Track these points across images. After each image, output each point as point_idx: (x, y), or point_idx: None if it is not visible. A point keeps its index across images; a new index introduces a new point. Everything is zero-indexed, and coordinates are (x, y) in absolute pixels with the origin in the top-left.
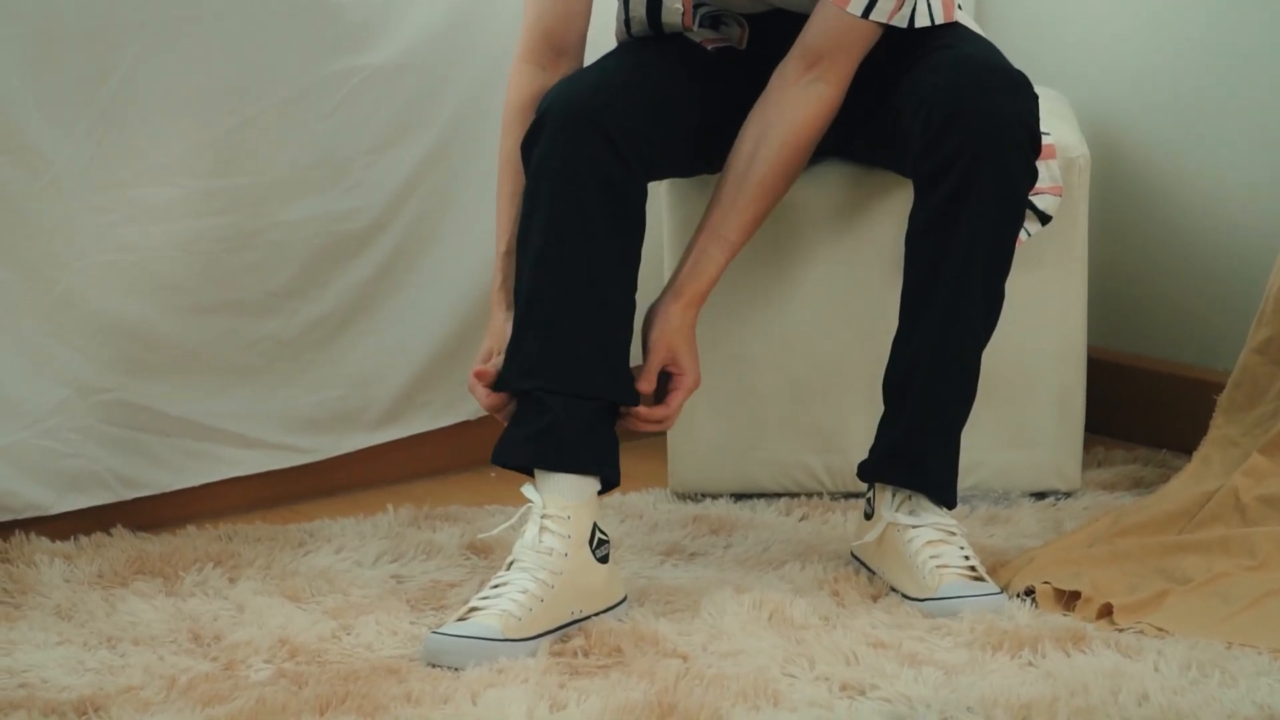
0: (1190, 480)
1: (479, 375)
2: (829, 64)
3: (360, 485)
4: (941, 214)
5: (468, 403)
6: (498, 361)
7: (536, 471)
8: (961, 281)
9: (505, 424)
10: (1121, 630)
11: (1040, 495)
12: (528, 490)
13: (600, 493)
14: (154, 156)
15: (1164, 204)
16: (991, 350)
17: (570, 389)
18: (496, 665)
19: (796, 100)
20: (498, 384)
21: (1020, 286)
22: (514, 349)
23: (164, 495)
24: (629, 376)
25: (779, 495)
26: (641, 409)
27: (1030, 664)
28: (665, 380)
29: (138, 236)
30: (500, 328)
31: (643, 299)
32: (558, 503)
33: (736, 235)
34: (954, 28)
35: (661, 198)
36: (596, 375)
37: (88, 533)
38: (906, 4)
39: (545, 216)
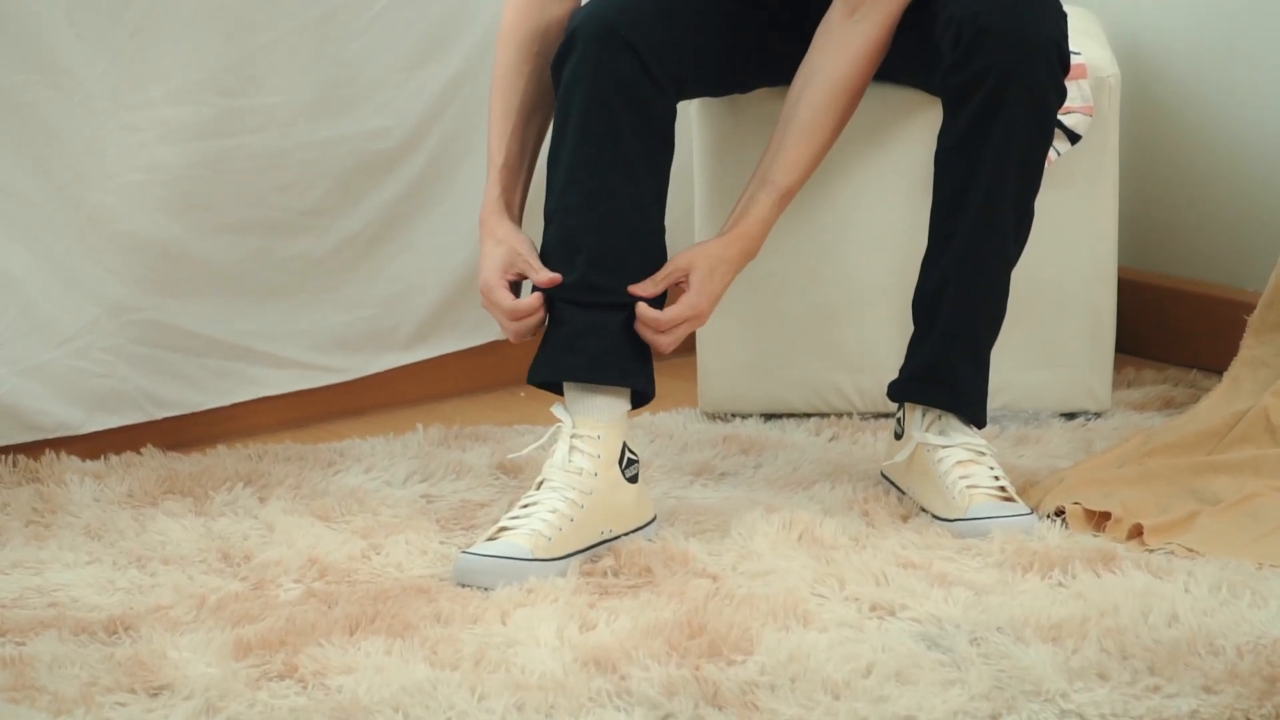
0: (1220, 401)
1: (545, 284)
2: (872, 3)
3: (390, 405)
4: (970, 131)
5: (496, 324)
6: (544, 274)
7: (566, 390)
8: (991, 199)
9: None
10: (1152, 551)
11: (1070, 415)
12: (557, 410)
13: (635, 407)
14: (184, 75)
15: (1195, 124)
16: (1022, 270)
17: (599, 300)
18: (526, 585)
19: (841, 41)
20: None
21: (1051, 206)
22: (546, 262)
23: (194, 415)
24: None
25: (809, 415)
26: (641, 308)
27: (1060, 584)
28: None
29: (168, 155)
30: (511, 232)
31: (670, 219)
32: (587, 422)
33: (782, 177)
34: None
35: (691, 117)
36: (623, 286)
37: (118, 452)
38: None
39: (575, 134)
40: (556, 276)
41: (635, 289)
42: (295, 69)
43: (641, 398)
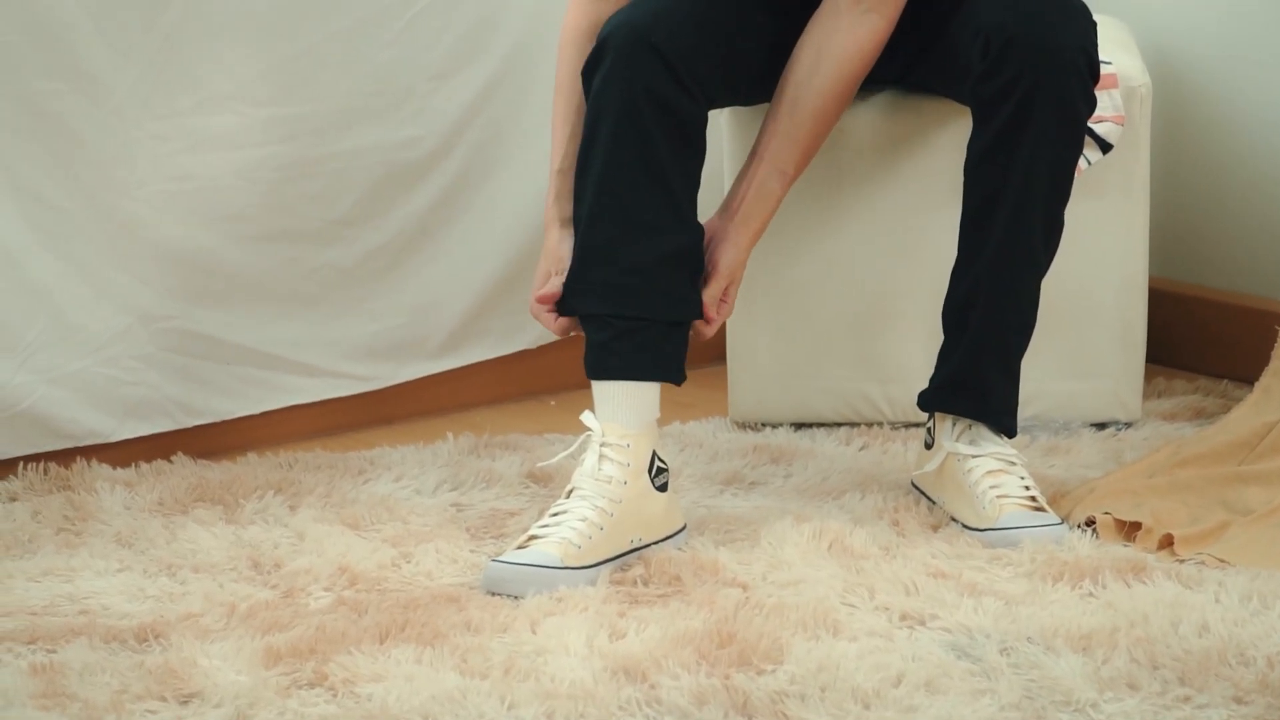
0: (1251, 411)
1: (542, 300)
2: None
3: (420, 413)
4: (1000, 140)
5: (527, 331)
6: (557, 282)
7: (596, 398)
8: (1021, 208)
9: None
10: (1182, 561)
11: (1101, 425)
12: (587, 418)
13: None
14: (215, 84)
15: (1226, 133)
16: (1052, 279)
17: (636, 314)
18: (556, 593)
19: (849, 30)
20: (561, 308)
21: (1082, 216)
22: (576, 276)
23: (224, 423)
24: (692, 294)
25: (839, 424)
26: (696, 322)
27: (1091, 594)
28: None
29: (198, 165)
30: (555, 245)
31: (703, 222)
32: (617, 430)
33: (794, 168)
34: None
35: (722, 126)
36: (659, 300)
37: (149, 460)
38: None
39: (606, 142)
40: (552, 293)
41: (708, 312)
42: (325, 78)
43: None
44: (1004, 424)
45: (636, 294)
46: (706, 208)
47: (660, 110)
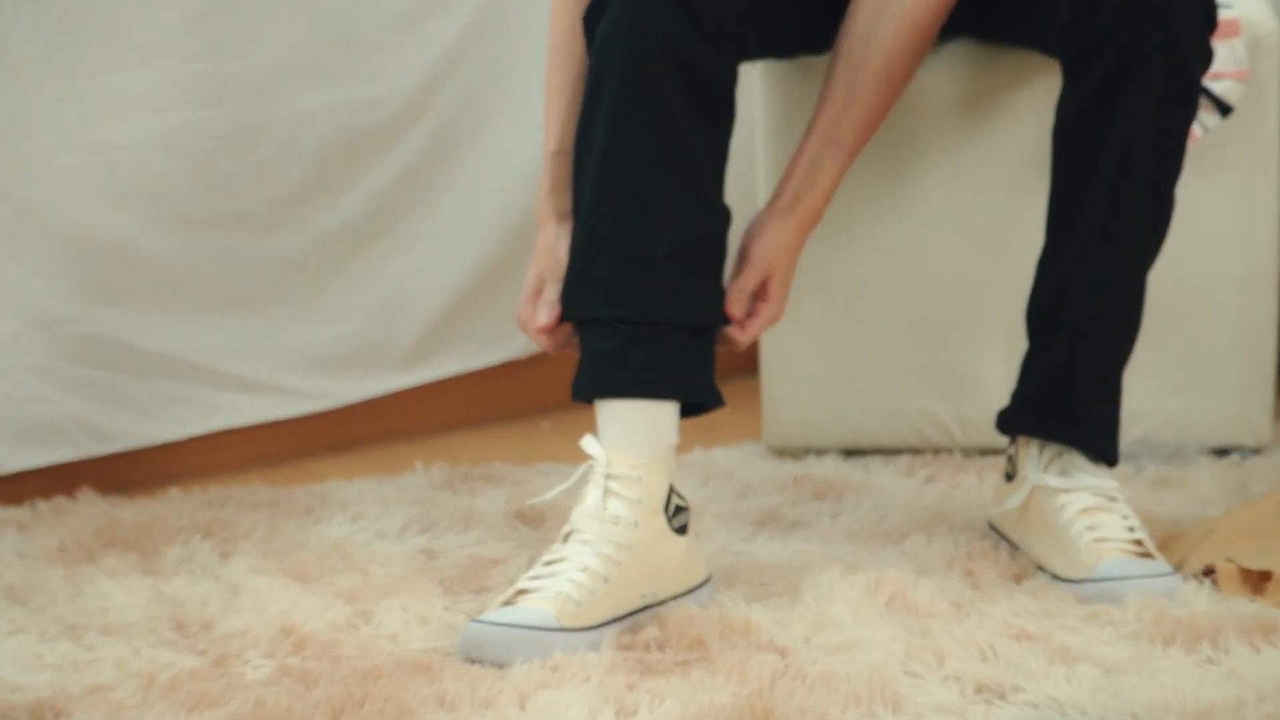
0: None
1: (543, 329)
2: None
3: (383, 438)
4: (1096, 102)
5: (514, 337)
6: (554, 293)
7: (600, 418)
8: (1122, 185)
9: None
10: None
11: (1222, 452)
12: (588, 444)
13: (694, 414)
14: (133, 35)
15: None
16: (1160, 272)
17: (649, 317)
18: (550, 661)
19: None
20: (563, 314)
21: (1196, 193)
22: (575, 271)
23: (141, 450)
24: (717, 293)
25: (899, 451)
26: (723, 330)
27: (1210, 660)
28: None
29: (112, 132)
30: (551, 245)
31: (731, 206)
32: (625, 459)
33: (853, 138)
34: None
35: (755, 83)
36: (678, 300)
37: (47, 496)
38: None
39: (612, 106)
40: (546, 323)
41: (729, 310)
42: (267, 27)
43: (699, 407)
44: (1103, 450)
45: (648, 292)
46: (735, 186)
47: (678, 65)
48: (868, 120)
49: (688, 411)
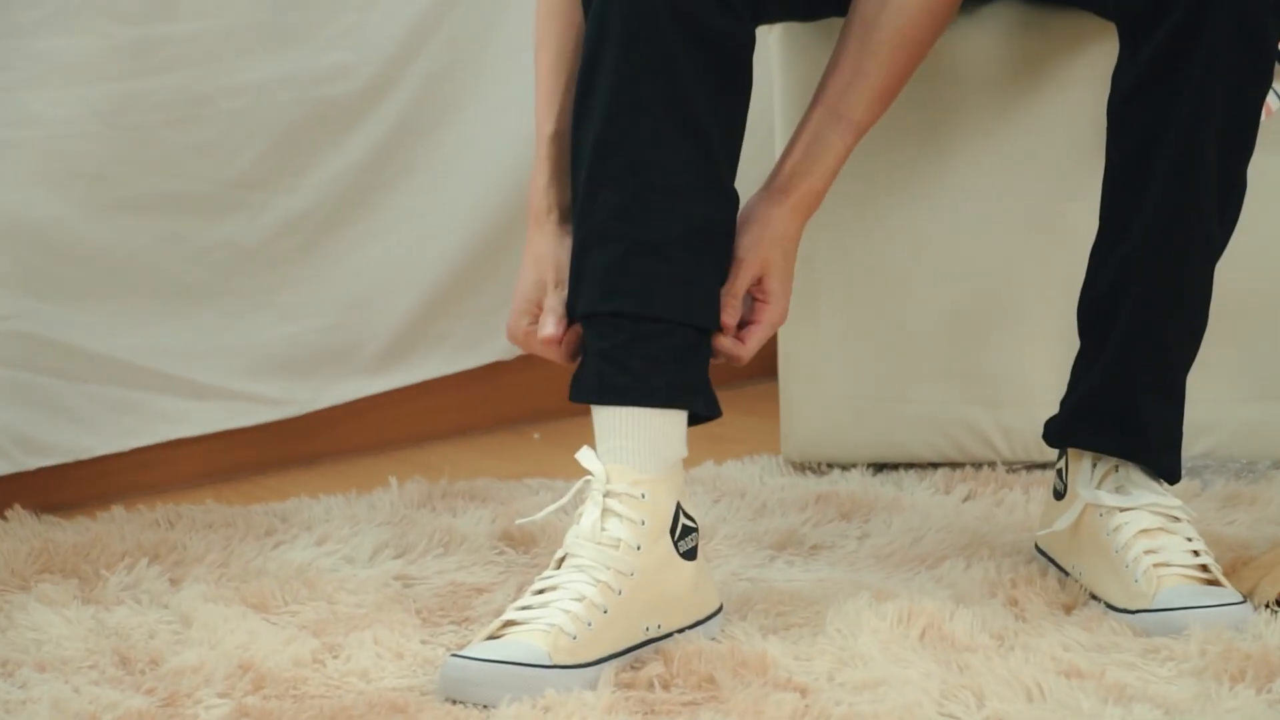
0: None
1: (552, 339)
2: None
3: (352, 450)
4: (1156, 71)
5: (500, 337)
6: (557, 302)
7: (597, 426)
8: (1186, 167)
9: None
10: None
11: None
12: (584, 457)
13: (691, 424)
14: None
15: None
16: (1228, 263)
17: (652, 312)
18: (542, 701)
19: None
20: (569, 314)
21: (1270, 175)
22: (576, 262)
23: (80, 464)
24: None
25: (934, 465)
26: (719, 341)
27: None
28: (746, 306)
29: (43, 104)
30: (550, 250)
31: (742, 184)
32: (627, 475)
33: (862, 113)
34: None
35: (772, 49)
36: (686, 294)
37: None
38: None
39: (612, 73)
40: (554, 334)
41: (724, 318)
42: None
43: (699, 419)
44: (1164, 465)
45: (651, 283)
46: (750, 165)
47: (688, 28)
48: (880, 91)
49: (691, 420)
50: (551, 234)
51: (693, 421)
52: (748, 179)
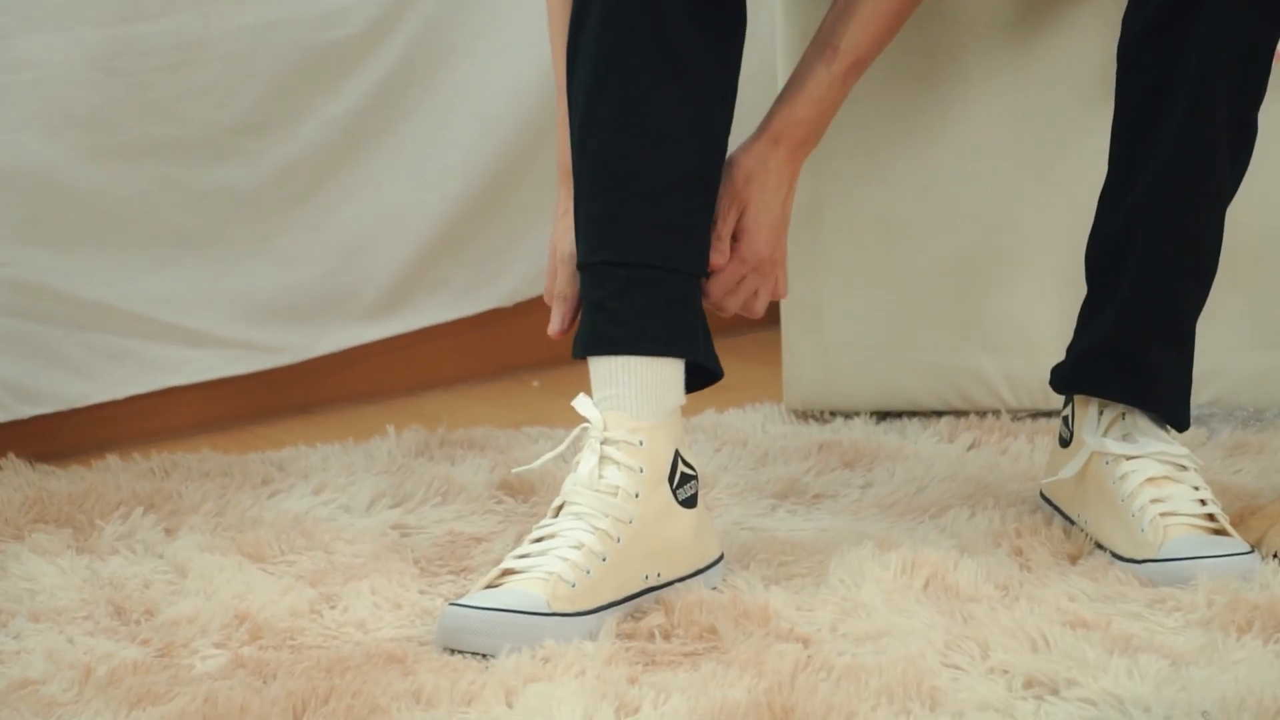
0: None
1: (555, 335)
2: None
3: (349, 399)
4: (1169, 13)
5: (499, 282)
6: (565, 282)
7: (594, 375)
8: (1197, 108)
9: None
10: None
11: None
12: (582, 404)
13: (695, 390)
14: None
15: None
16: (1238, 209)
17: (640, 258)
18: (541, 651)
19: None
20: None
21: None
22: (575, 216)
23: (74, 412)
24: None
25: (938, 414)
26: (709, 285)
27: None
28: None
29: (36, 48)
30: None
31: (740, 136)
32: (625, 423)
33: (847, 41)
34: None
35: None
36: (681, 240)
37: None
38: None
39: (601, 18)
40: (557, 331)
41: (713, 261)
42: None
43: (705, 377)
44: (1172, 412)
45: (641, 231)
46: (752, 114)
47: None
48: (868, 26)
49: (691, 383)
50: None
51: (697, 386)
52: (748, 127)
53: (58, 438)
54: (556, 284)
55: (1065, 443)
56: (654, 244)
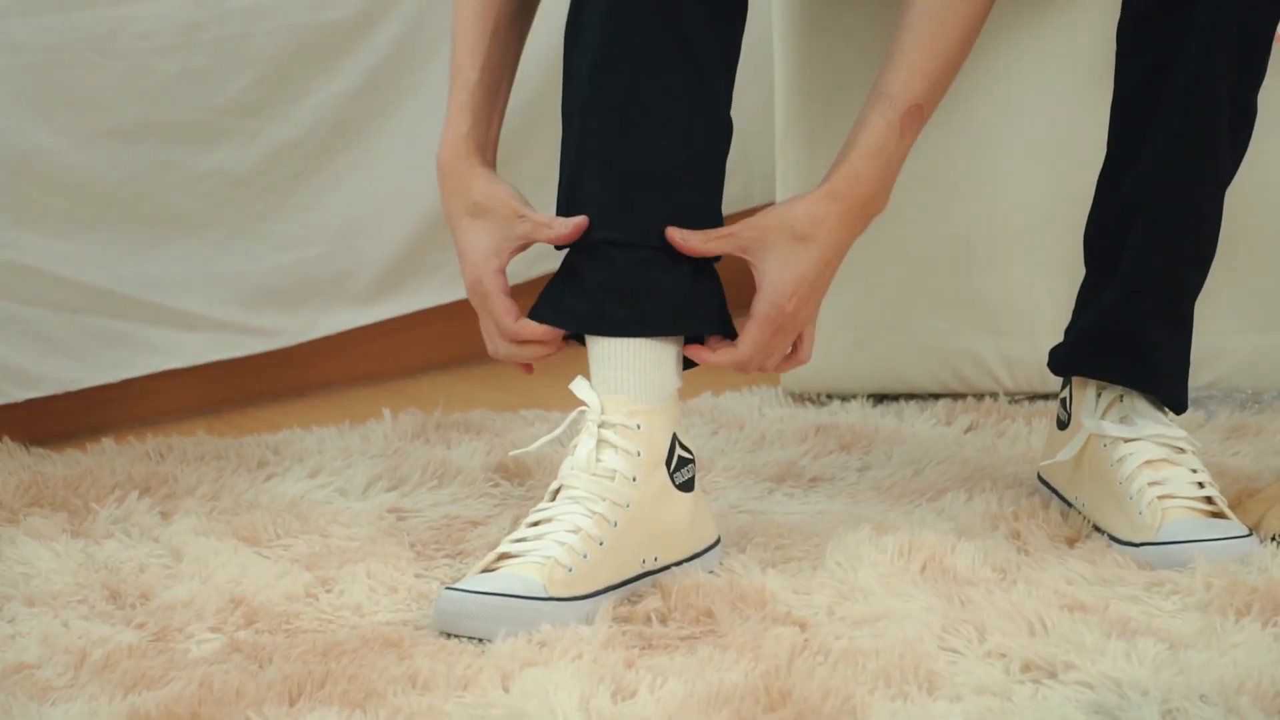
0: None
1: (533, 342)
2: None
3: (344, 382)
4: None
5: None
6: (502, 309)
7: (592, 355)
8: (1197, 89)
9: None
10: None
11: None
12: (578, 387)
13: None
14: None
15: None
16: (1237, 190)
17: (649, 241)
18: (537, 635)
19: None
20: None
21: None
22: (565, 193)
23: (68, 395)
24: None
25: (935, 396)
26: (708, 354)
27: None
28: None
29: (28, 30)
30: (490, 194)
31: (740, 120)
32: (622, 405)
33: (899, 87)
34: None
35: None
36: (680, 219)
37: None
38: None
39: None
40: (579, 221)
41: (674, 234)
42: None
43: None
44: (1170, 394)
45: (648, 210)
46: (746, 96)
47: None
48: (917, 65)
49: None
50: (487, 177)
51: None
52: (742, 107)
53: (52, 421)
54: (496, 307)
55: (1063, 425)
56: (660, 225)
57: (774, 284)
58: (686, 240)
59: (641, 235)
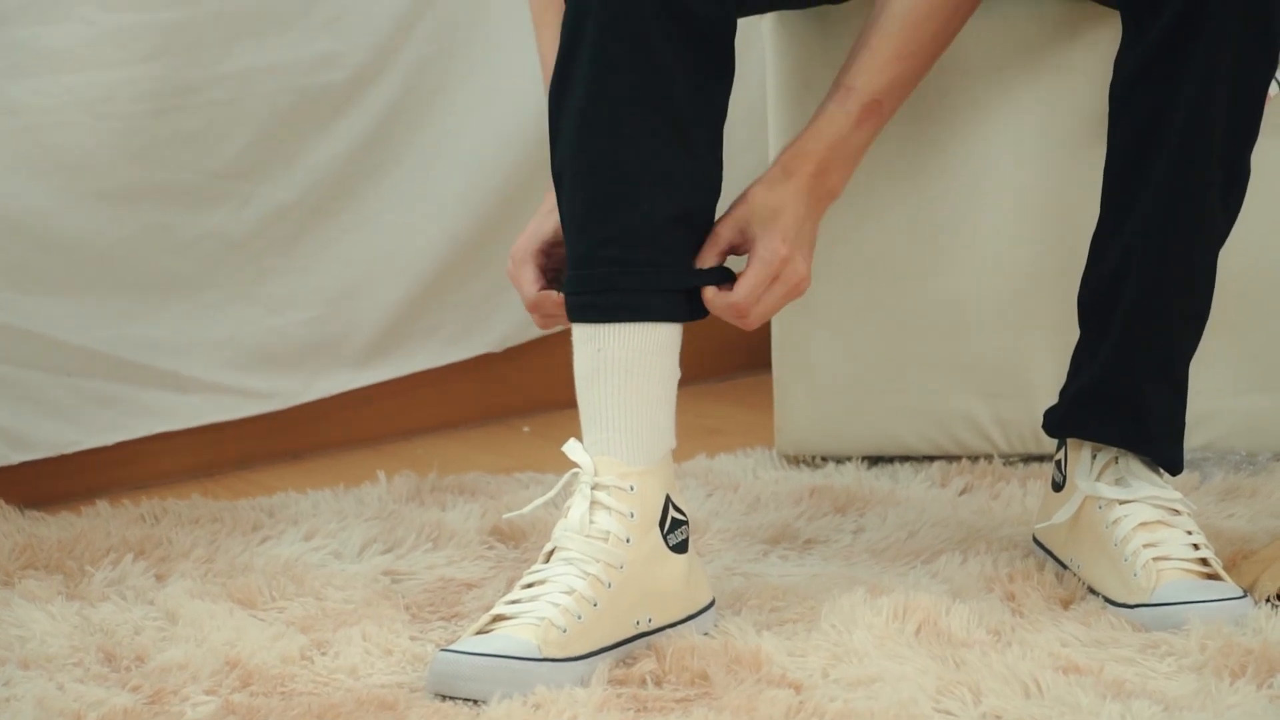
0: None
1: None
2: None
3: (340, 444)
4: (1161, 56)
5: (489, 328)
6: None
7: (584, 419)
8: (1189, 150)
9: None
10: None
11: None
12: (572, 449)
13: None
14: None
15: None
16: (1232, 252)
17: (636, 277)
18: (532, 697)
19: None
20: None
21: (1273, 160)
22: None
23: (63, 458)
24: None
25: (930, 458)
26: (709, 295)
27: None
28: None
29: (24, 94)
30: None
31: (732, 177)
32: (616, 467)
33: (865, 81)
34: None
35: (764, 35)
36: (675, 260)
37: None
38: None
39: (591, 59)
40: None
41: (699, 262)
42: None
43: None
44: (1165, 455)
45: (628, 272)
46: (742, 155)
47: (668, 10)
48: (884, 63)
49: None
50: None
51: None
52: (739, 169)
53: (47, 484)
54: (523, 267)
55: (1058, 487)
56: (642, 284)
57: (767, 239)
58: (705, 260)
59: (615, 297)
